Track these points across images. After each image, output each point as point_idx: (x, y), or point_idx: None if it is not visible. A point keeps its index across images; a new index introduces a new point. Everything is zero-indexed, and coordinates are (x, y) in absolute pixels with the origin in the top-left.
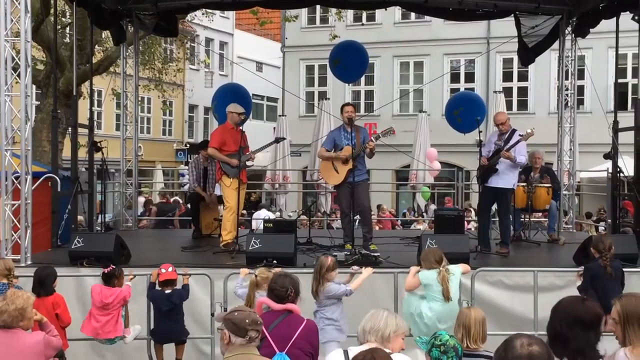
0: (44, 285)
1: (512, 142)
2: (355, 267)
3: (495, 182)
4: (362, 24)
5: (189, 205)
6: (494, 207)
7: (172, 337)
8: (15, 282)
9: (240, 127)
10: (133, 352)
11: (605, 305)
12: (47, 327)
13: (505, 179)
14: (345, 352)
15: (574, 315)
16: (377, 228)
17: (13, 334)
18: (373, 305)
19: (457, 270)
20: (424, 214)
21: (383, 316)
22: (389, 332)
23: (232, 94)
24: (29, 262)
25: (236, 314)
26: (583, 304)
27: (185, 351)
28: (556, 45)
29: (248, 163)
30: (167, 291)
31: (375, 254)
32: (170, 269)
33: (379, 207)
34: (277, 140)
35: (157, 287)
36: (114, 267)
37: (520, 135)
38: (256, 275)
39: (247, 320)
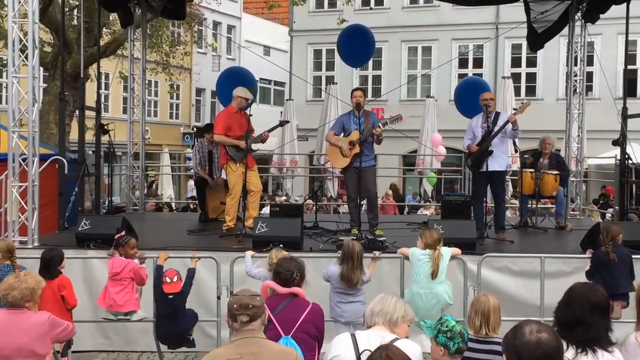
0: (48, 268)
1: (500, 123)
2: (377, 252)
3: (491, 165)
4: (370, 8)
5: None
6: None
7: (176, 339)
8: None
9: (245, 111)
10: (138, 334)
11: (611, 291)
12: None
13: (500, 161)
14: (353, 336)
15: (593, 302)
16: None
17: (19, 313)
18: (379, 290)
19: (447, 252)
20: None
21: (392, 300)
22: (397, 316)
23: (235, 78)
24: (35, 244)
25: (231, 298)
26: (598, 290)
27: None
28: (565, 31)
29: (254, 146)
30: (170, 296)
31: (381, 239)
32: (175, 278)
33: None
34: (282, 123)
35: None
36: (121, 234)
37: (514, 109)
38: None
39: (235, 305)
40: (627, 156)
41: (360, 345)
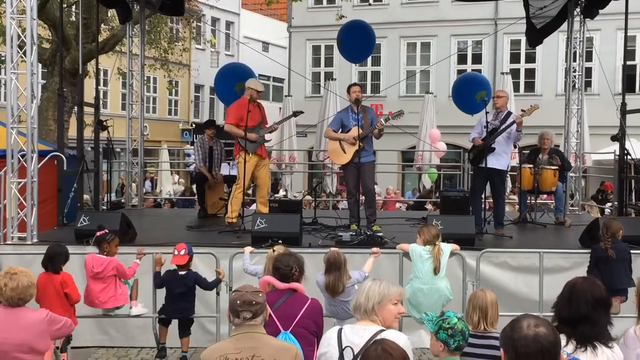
0: (53, 263)
1: (508, 122)
2: (375, 249)
3: (491, 162)
4: (369, 4)
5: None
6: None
7: (179, 315)
8: None
9: (257, 102)
10: (137, 330)
11: (610, 287)
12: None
13: (501, 160)
14: (340, 331)
15: (597, 297)
16: (381, 210)
17: (18, 310)
18: None
19: (447, 247)
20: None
21: (365, 290)
22: (372, 304)
23: (233, 74)
24: (35, 240)
25: (233, 294)
26: (599, 285)
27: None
28: (564, 26)
29: (267, 137)
30: (181, 272)
31: (379, 234)
32: (182, 252)
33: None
34: (295, 114)
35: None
36: (105, 231)
37: (522, 110)
38: (274, 250)
39: (238, 302)
40: (626, 152)
41: (344, 340)
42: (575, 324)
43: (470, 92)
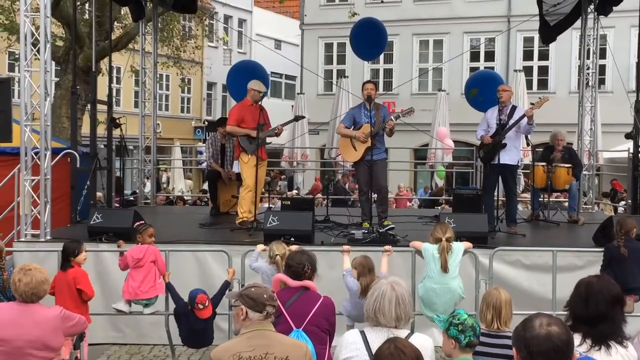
0: (63, 257)
1: (516, 116)
2: (387, 247)
3: (503, 158)
4: (382, 1)
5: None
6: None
7: (202, 346)
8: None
9: (259, 104)
10: (150, 327)
11: (622, 285)
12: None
13: (512, 154)
14: (362, 332)
15: (614, 295)
16: (393, 207)
17: (32, 307)
18: None
19: (459, 247)
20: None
21: (407, 298)
22: (407, 315)
23: (246, 71)
24: (48, 237)
25: (253, 289)
26: (613, 282)
27: None
28: (578, 23)
29: (268, 139)
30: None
31: (391, 231)
32: (207, 303)
33: None
34: (297, 118)
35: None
36: (140, 223)
37: (532, 103)
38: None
39: (264, 296)
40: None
41: (371, 344)
42: (594, 323)
43: (484, 90)
